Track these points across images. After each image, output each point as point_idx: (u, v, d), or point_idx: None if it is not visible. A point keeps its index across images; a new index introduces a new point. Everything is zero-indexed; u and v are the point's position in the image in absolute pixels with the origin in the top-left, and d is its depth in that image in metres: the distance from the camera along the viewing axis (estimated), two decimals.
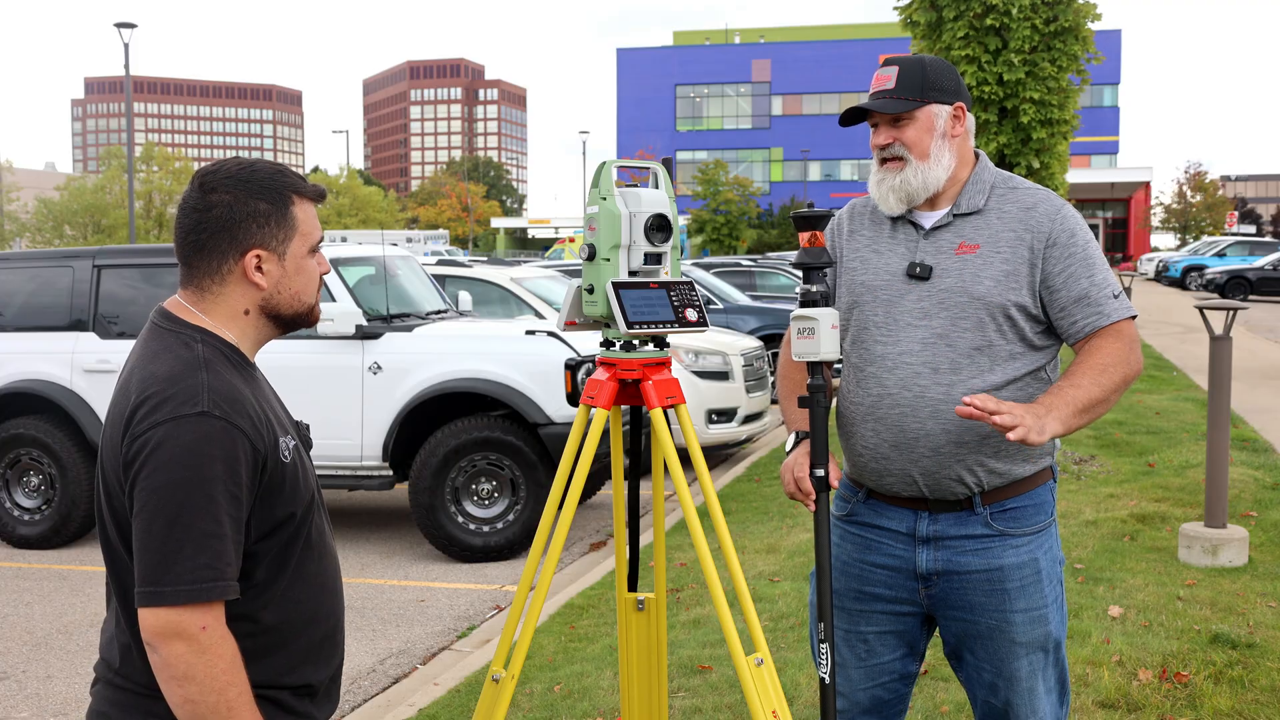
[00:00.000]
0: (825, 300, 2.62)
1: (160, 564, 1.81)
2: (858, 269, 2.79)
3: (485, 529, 7.24)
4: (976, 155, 2.80)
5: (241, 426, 1.88)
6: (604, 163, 2.77)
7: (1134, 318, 2.68)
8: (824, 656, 2.60)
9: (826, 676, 2.59)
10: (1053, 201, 2.71)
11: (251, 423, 1.90)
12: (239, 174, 2.00)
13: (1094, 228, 61.93)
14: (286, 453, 1.97)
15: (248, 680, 1.88)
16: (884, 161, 2.73)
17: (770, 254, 32.95)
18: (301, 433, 2.18)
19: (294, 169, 2.13)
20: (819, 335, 2.57)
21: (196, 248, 1.99)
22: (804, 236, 2.61)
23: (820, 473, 2.62)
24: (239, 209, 1.97)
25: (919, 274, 2.68)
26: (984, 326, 2.64)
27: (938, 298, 2.67)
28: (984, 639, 2.72)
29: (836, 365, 2.87)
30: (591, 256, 2.71)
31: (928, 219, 2.74)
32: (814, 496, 2.65)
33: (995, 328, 2.64)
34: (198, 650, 1.81)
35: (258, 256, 1.99)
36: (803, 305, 2.62)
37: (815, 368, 2.61)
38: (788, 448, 2.77)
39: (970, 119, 2.79)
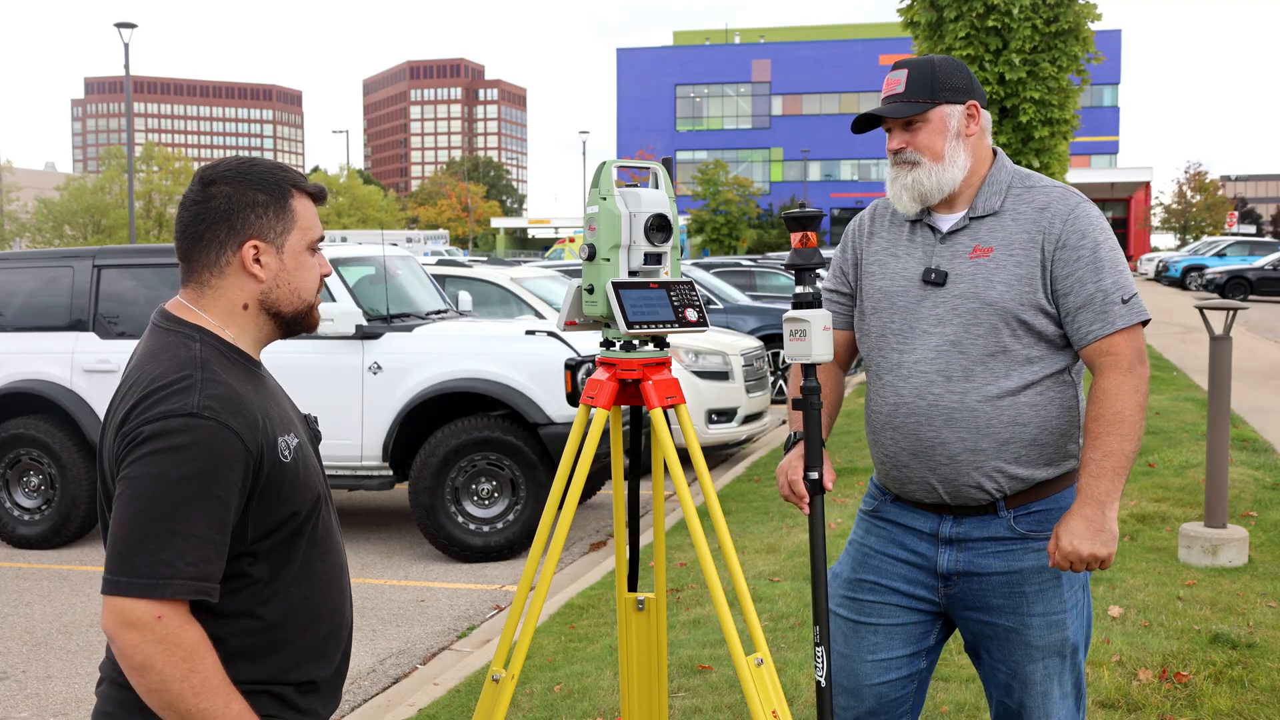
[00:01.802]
0: (817, 302, 2.61)
1: (120, 555, 1.81)
2: (876, 273, 2.77)
3: (485, 529, 7.24)
4: (995, 153, 2.75)
5: (232, 427, 1.86)
6: (604, 163, 2.76)
7: (1145, 322, 2.60)
8: (820, 660, 2.59)
9: (822, 680, 2.59)
10: (1067, 201, 2.64)
11: (245, 423, 1.89)
12: (239, 168, 2.02)
13: None
14: (287, 452, 1.96)
15: (216, 664, 1.85)
16: (897, 165, 2.71)
17: (770, 254, 32.97)
18: (311, 426, 2.18)
19: (294, 169, 2.13)
20: (810, 337, 2.56)
21: (195, 239, 1.99)
22: (795, 237, 2.60)
23: (814, 476, 2.61)
24: (237, 199, 1.98)
25: (934, 280, 2.65)
26: (998, 332, 2.60)
27: (951, 304, 2.63)
28: (1000, 640, 2.71)
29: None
30: (591, 256, 2.71)
31: (945, 222, 2.71)
32: (808, 500, 2.64)
33: (1010, 332, 2.60)
34: (153, 640, 1.80)
35: (255, 247, 1.99)
36: (795, 307, 2.61)
37: (808, 370, 2.61)
38: (785, 449, 2.78)
39: (986, 116, 2.74)
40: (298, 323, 2.08)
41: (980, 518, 2.68)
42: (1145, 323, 2.61)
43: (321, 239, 2.09)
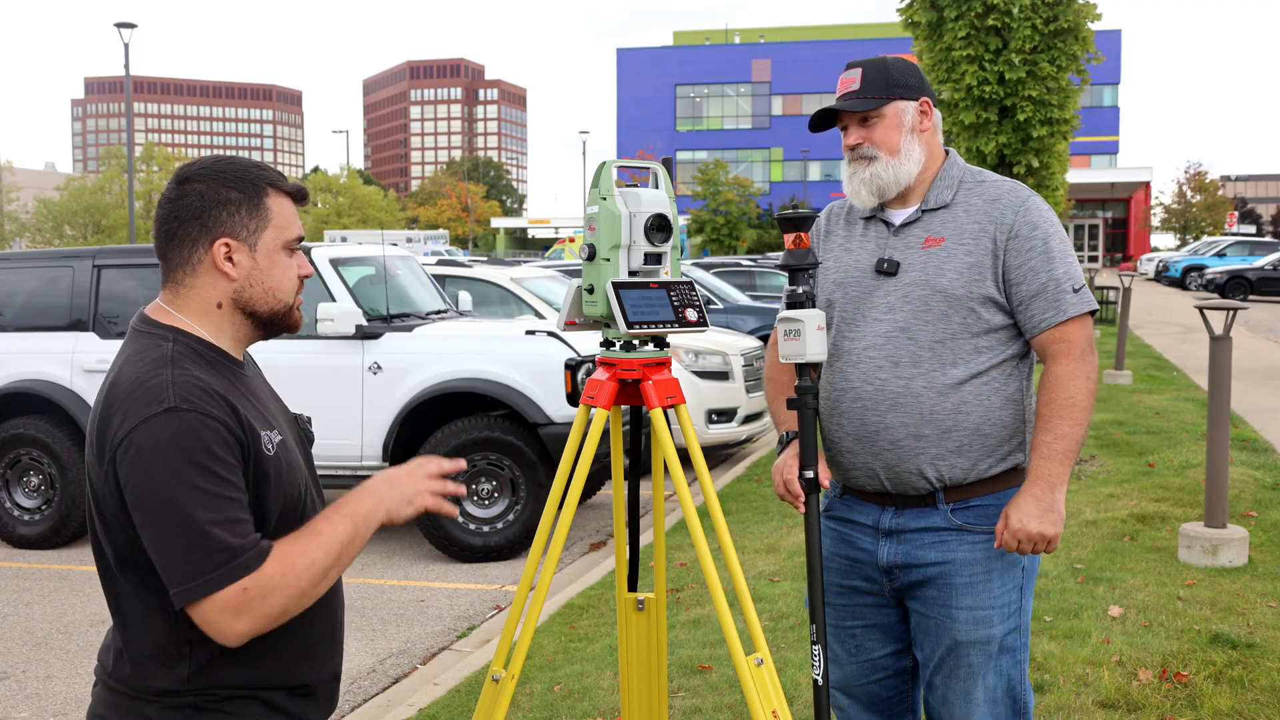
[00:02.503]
0: (811, 301, 2.63)
1: (181, 562, 1.80)
2: (830, 268, 2.83)
3: (485, 529, 7.24)
4: (946, 152, 2.82)
5: (212, 413, 1.86)
6: (604, 163, 2.77)
7: (1093, 313, 2.68)
8: (817, 658, 2.60)
9: (819, 679, 2.59)
10: (1018, 193, 2.72)
11: (222, 411, 1.88)
12: (214, 166, 2.01)
13: (1094, 228, 61.92)
14: (270, 446, 1.95)
15: (301, 540, 1.88)
16: (855, 160, 2.76)
17: (770, 254, 32.98)
18: (301, 426, 2.17)
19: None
20: (805, 337, 2.58)
21: (169, 237, 1.99)
22: (789, 238, 2.62)
23: (809, 474, 2.62)
24: (209, 196, 1.97)
25: (886, 269, 2.71)
26: (948, 319, 2.65)
27: (903, 291, 2.69)
28: (930, 635, 2.73)
29: None
30: (591, 256, 2.71)
31: (898, 215, 2.77)
32: (803, 499, 2.65)
33: (960, 320, 2.65)
34: (259, 600, 1.82)
35: (226, 245, 1.97)
36: (789, 307, 2.63)
37: (803, 369, 2.62)
38: (778, 449, 2.79)
39: (937, 114, 2.82)
40: (275, 323, 2.05)
41: (920, 509, 2.71)
42: (1093, 313, 2.69)
43: (300, 239, 2.07)
